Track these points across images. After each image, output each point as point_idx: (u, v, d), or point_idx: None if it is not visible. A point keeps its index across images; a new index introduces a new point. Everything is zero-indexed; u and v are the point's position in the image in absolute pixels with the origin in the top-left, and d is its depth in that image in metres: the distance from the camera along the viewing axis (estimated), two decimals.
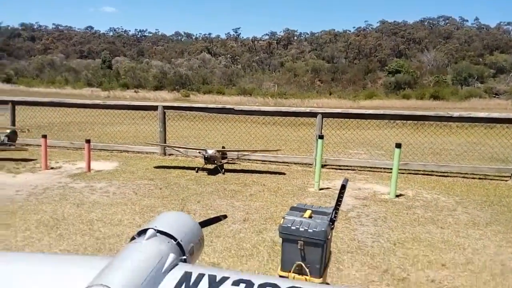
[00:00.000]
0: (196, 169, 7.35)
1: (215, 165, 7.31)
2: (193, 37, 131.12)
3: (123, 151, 9.07)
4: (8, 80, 59.77)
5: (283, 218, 2.53)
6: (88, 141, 7.21)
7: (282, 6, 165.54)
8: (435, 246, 4.19)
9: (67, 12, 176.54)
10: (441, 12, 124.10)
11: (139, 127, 11.88)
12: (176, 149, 8.47)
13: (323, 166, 7.43)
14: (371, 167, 7.97)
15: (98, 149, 8.96)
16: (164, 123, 9.02)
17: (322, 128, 8.12)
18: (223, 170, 7.28)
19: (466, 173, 7.63)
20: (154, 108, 9.29)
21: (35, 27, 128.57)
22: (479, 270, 3.68)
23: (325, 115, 8.25)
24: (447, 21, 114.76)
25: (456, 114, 8.05)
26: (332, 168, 7.98)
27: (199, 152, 7.46)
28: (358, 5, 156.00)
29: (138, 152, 8.99)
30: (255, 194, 5.99)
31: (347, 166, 8.10)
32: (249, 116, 9.63)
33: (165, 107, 9.10)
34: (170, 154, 8.82)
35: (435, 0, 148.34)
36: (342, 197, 2.95)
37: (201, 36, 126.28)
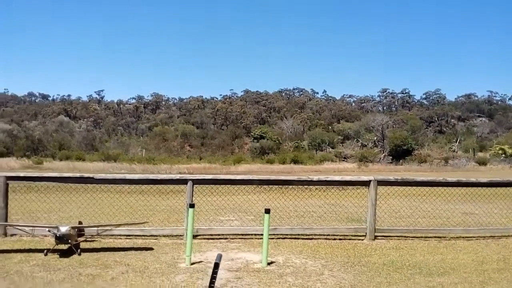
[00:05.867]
0: (45, 251, 6.24)
1: (70, 245, 6.32)
2: (50, 98, 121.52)
3: None
4: None
5: None
6: None
7: (149, 69, 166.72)
8: None
9: None
10: (296, 84, 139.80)
11: None
12: (20, 228, 7.16)
13: (194, 236, 7.07)
14: (242, 234, 7.89)
15: None
16: (6, 197, 7.63)
17: (193, 195, 7.85)
18: (79, 250, 6.33)
19: (328, 235, 8.08)
20: None
21: None
22: None
23: (196, 181, 8.04)
24: (301, 92, 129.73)
25: (315, 178, 8.66)
26: (204, 238, 7.65)
27: (49, 230, 6.40)
28: (224, 74, 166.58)
29: None
30: (117, 278, 5.26)
31: (219, 234, 7.87)
32: (112, 185, 8.85)
33: (8, 178, 7.75)
34: (12, 235, 7.40)
35: (291, 73, 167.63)
36: (215, 277, 2.72)
37: (59, 98, 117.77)
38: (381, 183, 8.38)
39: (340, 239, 7.90)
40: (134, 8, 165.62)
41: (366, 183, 8.26)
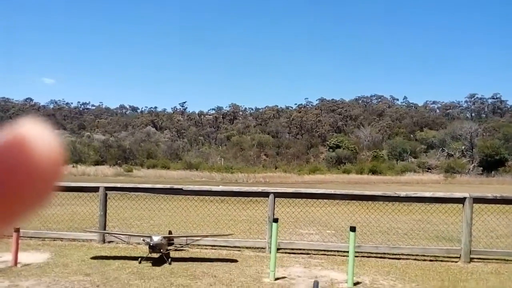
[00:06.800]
0: (139, 259, 6.68)
1: (161, 254, 6.70)
2: (138, 111, 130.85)
3: (57, 238, 8.16)
4: None
5: None
6: (17, 230, 6.39)
7: (228, 81, 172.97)
8: None
9: (5, 82, 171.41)
10: (373, 91, 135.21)
11: (75, 208, 10.99)
12: (117, 236, 7.77)
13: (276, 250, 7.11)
14: (325, 250, 7.76)
15: (28, 237, 7.99)
16: (105, 206, 8.36)
17: (274, 208, 7.93)
18: (169, 259, 6.68)
19: (417, 255, 7.63)
20: (95, 189, 8.64)
21: None
22: None
23: (277, 195, 8.13)
24: (379, 99, 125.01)
25: (403, 194, 8.25)
26: (286, 253, 7.65)
27: (143, 240, 6.85)
28: (298, 83, 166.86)
29: (74, 240, 8.13)
30: None
31: (300, 249, 7.82)
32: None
33: (107, 188, 8.49)
34: (109, 241, 8.05)
35: (368, 80, 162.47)
36: None
37: (147, 110, 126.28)
38: (477, 200, 7.74)
39: (430, 260, 7.41)
40: (209, 20, 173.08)
41: (460, 201, 7.69)
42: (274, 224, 6.34)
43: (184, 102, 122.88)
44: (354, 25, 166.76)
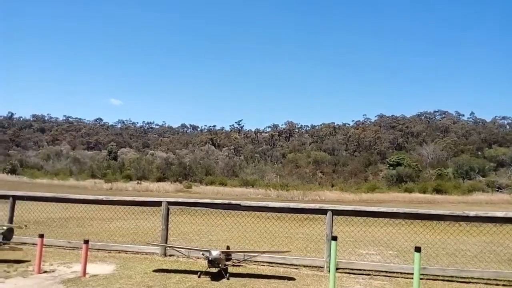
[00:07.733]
0: (199, 273, 6.83)
1: (219, 269, 6.80)
2: (199, 129, 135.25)
3: (122, 251, 8.58)
4: (13, 171, 60.81)
5: None
6: (86, 242, 6.82)
7: (284, 99, 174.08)
8: None
9: (78, 104, 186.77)
10: (437, 107, 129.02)
11: (139, 223, 11.50)
12: (178, 249, 8.00)
13: (335, 270, 6.92)
14: (386, 271, 7.43)
15: (96, 249, 8.49)
16: (167, 220, 8.67)
17: (332, 226, 7.76)
18: (227, 274, 6.75)
19: (488, 279, 7.08)
20: (158, 204, 8.99)
21: (46, 118, 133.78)
22: None
23: (335, 212, 7.93)
24: (443, 115, 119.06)
25: (472, 213, 7.71)
26: (345, 272, 7.43)
27: (203, 254, 7.00)
28: (356, 99, 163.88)
29: (137, 253, 8.49)
30: None
31: (360, 270, 7.55)
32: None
33: (169, 203, 8.81)
34: (171, 255, 8.32)
35: (431, 95, 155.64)
36: None
37: (206, 128, 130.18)
38: None
39: (504, 285, 6.83)
40: (265, 39, 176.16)
41: None
42: (333, 242, 6.19)
43: (241, 120, 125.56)
44: (414, 41, 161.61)
